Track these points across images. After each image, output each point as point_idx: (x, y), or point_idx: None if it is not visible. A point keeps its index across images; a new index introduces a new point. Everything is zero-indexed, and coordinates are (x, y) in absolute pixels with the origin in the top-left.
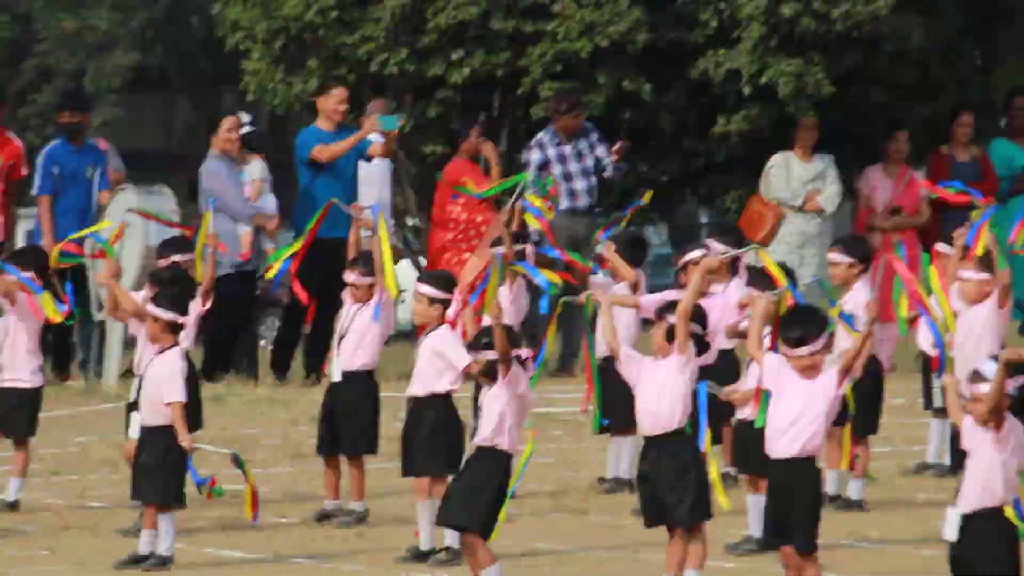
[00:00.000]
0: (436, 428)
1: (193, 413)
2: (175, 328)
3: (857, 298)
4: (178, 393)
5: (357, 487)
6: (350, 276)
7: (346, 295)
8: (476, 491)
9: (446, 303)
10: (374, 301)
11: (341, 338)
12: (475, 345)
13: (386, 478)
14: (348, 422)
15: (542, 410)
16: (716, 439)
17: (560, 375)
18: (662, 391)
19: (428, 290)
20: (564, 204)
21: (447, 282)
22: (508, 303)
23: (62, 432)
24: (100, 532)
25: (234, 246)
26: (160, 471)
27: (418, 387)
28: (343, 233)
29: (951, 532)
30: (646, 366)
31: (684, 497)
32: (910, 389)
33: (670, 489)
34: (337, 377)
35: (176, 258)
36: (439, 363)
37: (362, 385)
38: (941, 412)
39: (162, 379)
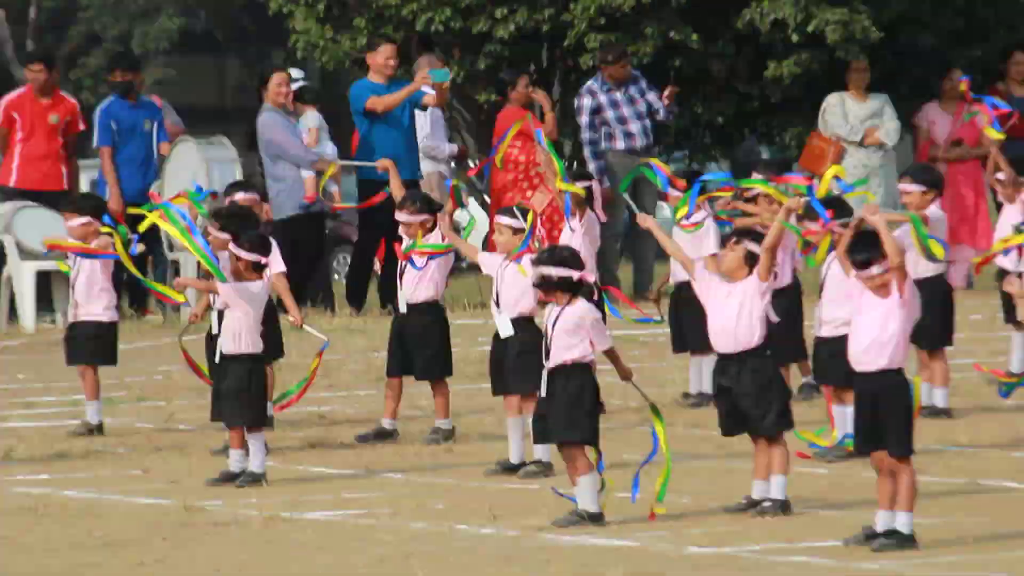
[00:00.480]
0: (524, 348)
1: (274, 342)
2: (258, 267)
3: (931, 218)
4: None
5: (442, 406)
6: (401, 215)
7: (402, 231)
8: (574, 405)
9: (524, 231)
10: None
11: (402, 272)
12: (551, 261)
13: (470, 399)
14: (420, 349)
15: (621, 332)
16: (798, 354)
17: (636, 299)
18: (740, 313)
19: (509, 221)
20: (620, 145)
21: (524, 213)
22: (580, 235)
23: (146, 363)
24: (190, 452)
25: (299, 190)
26: (244, 395)
27: (506, 309)
28: (407, 175)
29: None
30: (717, 288)
31: (770, 408)
32: (988, 305)
33: (755, 402)
34: (403, 308)
35: (238, 196)
36: (522, 286)
37: (428, 314)
38: (1021, 325)
39: (249, 299)
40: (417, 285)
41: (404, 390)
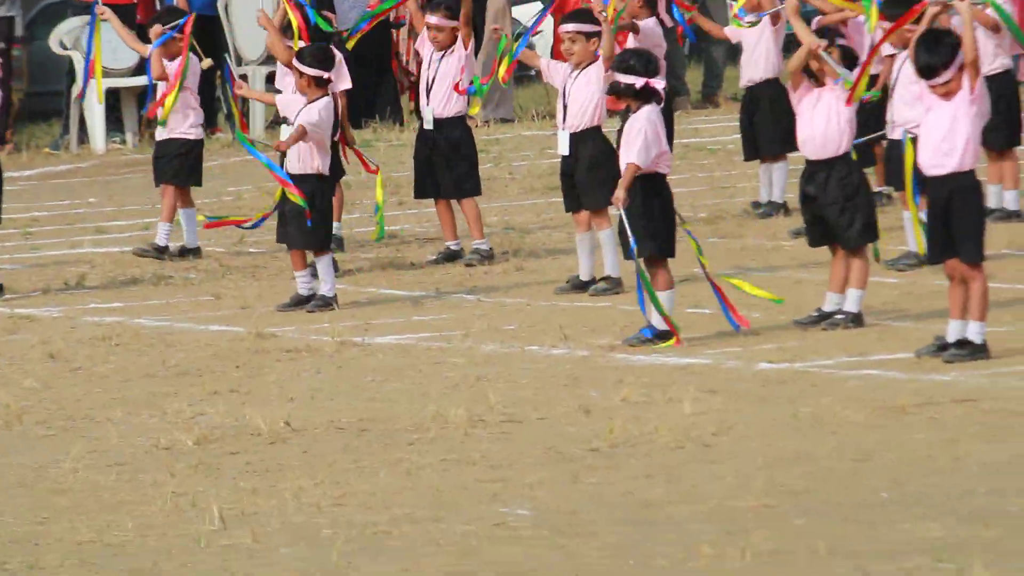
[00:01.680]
0: (594, 162)
1: (337, 159)
2: (321, 82)
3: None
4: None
5: (475, 226)
6: (432, 18)
7: (424, 42)
8: (648, 219)
9: (597, 35)
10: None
11: (429, 87)
12: (620, 66)
13: (539, 214)
14: (449, 168)
15: (689, 140)
16: (869, 160)
17: (704, 105)
18: (830, 117)
19: (579, 27)
20: None
21: (591, 15)
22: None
23: (214, 182)
24: (261, 276)
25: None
26: (304, 218)
27: (574, 120)
28: None
29: None
30: (806, 96)
31: (855, 219)
32: None
33: (841, 211)
34: (429, 125)
35: None
36: (593, 96)
37: (457, 131)
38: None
39: (318, 125)
40: (447, 98)
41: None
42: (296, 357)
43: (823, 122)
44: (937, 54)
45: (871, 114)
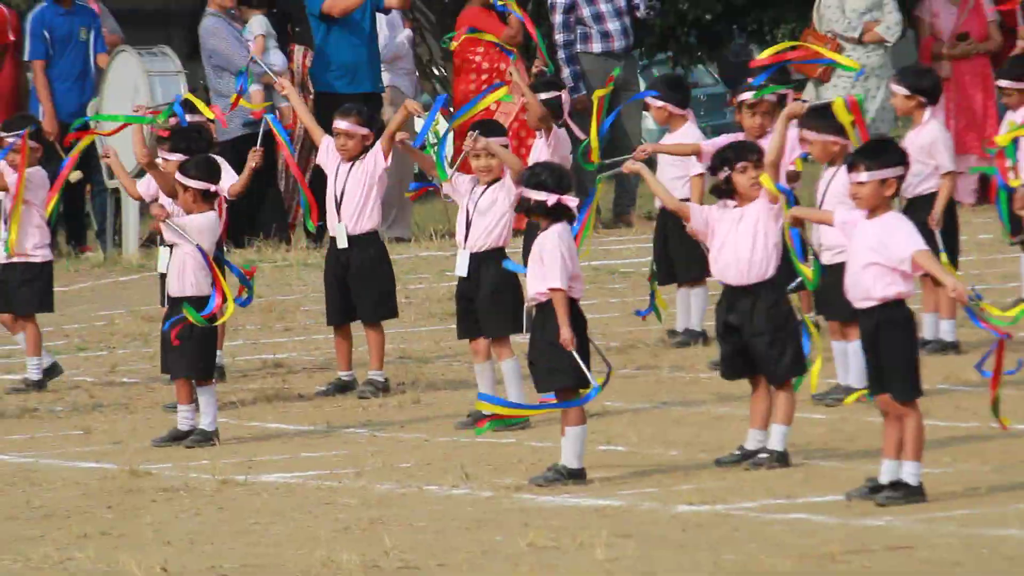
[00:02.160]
0: (497, 287)
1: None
2: (208, 196)
3: (923, 135)
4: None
5: (377, 355)
6: (342, 123)
7: (327, 152)
8: (558, 348)
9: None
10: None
11: (338, 202)
12: (530, 182)
13: (437, 342)
14: (364, 289)
15: (601, 263)
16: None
17: (617, 225)
18: (756, 239)
19: (498, 140)
20: (597, 47)
21: (502, 128)
22: (547, 154)
23: (85, 306)
24: (135, 408)
25: (245, 107)
26: (189, 343)
27: (477, 240)
28: (368, 87)
29: None
30: (724, 216)
31: (785, 351)
32: (999, 224)
33: (770, 343)
34: (343, 243)
35: (189, 118)
36: (499, 214)
37: (371, 248)
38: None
39: (199, 237)
40: (359, 213)
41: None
42: (173, 497)
43: (748, 244)
44: (868, 153)
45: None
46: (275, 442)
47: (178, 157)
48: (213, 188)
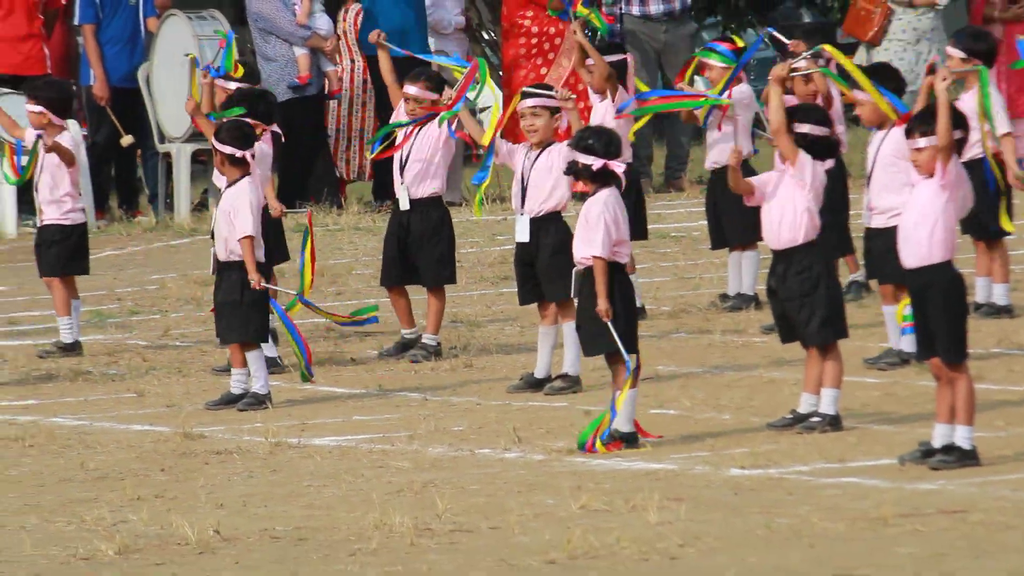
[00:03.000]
0: (556, 250)
1: (277, 245)
2: (236, 161)
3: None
4: (248, 227)
5: (435, 320)
6: (412, 88)
7: (399, 114)
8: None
9: (556, 110)
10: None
11: (403, 164)
12: (579, 145)
13: (489, 306)
14: (425, 252)
15: (651, 227)
16: (848, 248)
17: (668, 189)
18: (785, 205)
19: (541, 101)
20: (635, 9)
21: (552, 88)
22: (611, 115)
23: (137, 270)
24: (188, 372)
25: (291, 70)
26: (239, 309)
27: (534, 205)
28: (416, 50)
29: None
30: (769, 181)
31: (814, 315)
32: None
33: (800, 307)
34: (405, 205)
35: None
36: (554, 178)
37: (434, 212)
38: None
39: (231, 213)
40: (423, 176)
41: (423, 293)
42: (227, 460)
43: (778, 210)
44: (920, 119)
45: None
46: (327, 405)
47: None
48: (240, 153)
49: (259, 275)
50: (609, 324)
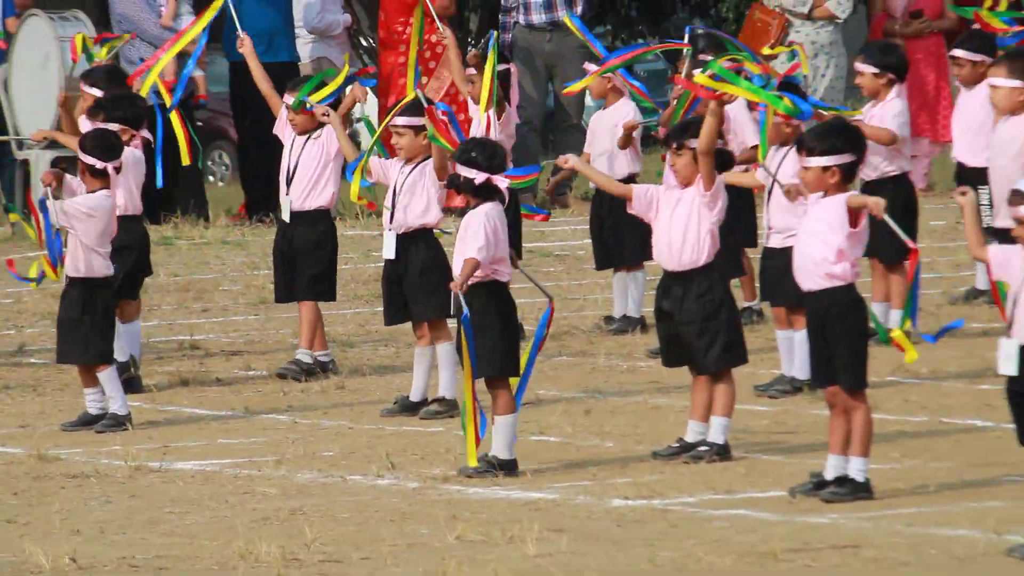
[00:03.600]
0: (426, 267)
1: (140, 258)
2: (97, 173)
3: (886, 109)
4: (65, 222)
5: (307, 336)
6: (402, 119)
7: (283, 126)
8: (486, 333)
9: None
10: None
11: (289, 176)
12: (461, 158)
13: (362, 325)
14: (303, 265)
15: (533, 245)
16: (738, 271)
17: (552, 206)
18: (689, 224)
19: (410, 120)
20: (522, 19)
21: (420, 107)
22: (497, 131)
23: None
24: (44, 391)
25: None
26: (78, 328)
27: (404, 220)
28: (284, 56)
29: (1008, 366)
30: (664, 198)
31: (716, 340)
32: (951, 210)
33: (700, 332)
34: (286, 217)
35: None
36: (427, 194)
37: (318, 225)
38: (990, 231)
39: (77, 220)
40: (309, 189)
41: (295, 312)
42: (83, 483)
43: (680, 231)
44: (820, 137)
45: (737, 216)
46: (191, 427)
47: (114, 126)
48: (100, 165)
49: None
50: (460, 327)
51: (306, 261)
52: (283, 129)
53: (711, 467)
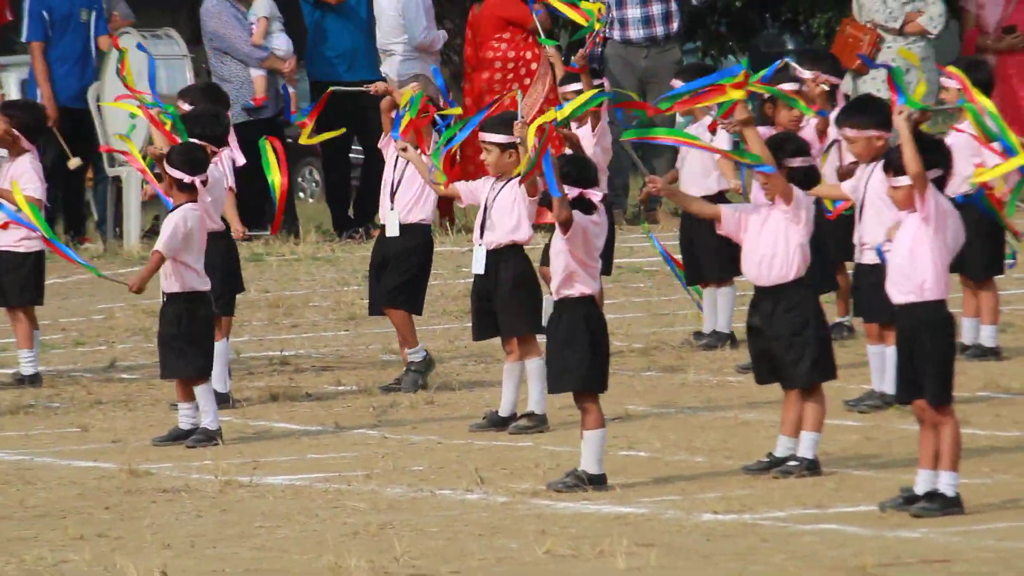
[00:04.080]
0: (516, 283)
1: (230, 274)
2: (184, 187)
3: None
4: (160, 243)
5: (406, 336)
6: (491, 136)
7: (388, 142)
8: (573, 347)
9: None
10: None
11: (393, 190)
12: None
13: (452, 340)
14: (392, 275)
15: (623, 260)
16: (831, 285)
17: (642, 221)
18: (777, 239)
19: (496, 137)
20: (617, 35)
21: (510, 124)
22: (591, 144)
23: (83, 299)
24: (135, 406)
25: (247, 91)
26: (180, 341)
27: (495, 236)
28: (366, 75)
29: None
30: (752, 214)
31: (804, 354)
32: None
33: (788, 346)
34: (393, 231)
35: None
36: (518, 211)
37: (418, 238)
38: None
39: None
40: (413, 203)
41: (385, 327)
42: (174, 498)
43: (769, 246)
44: (898, 155)
45: (831, 230)
46: (281, 442)
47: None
48: (187, 179)
49: (138, 281)
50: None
51: (396, 269)
52: (387, 145)
53: (801, 482)
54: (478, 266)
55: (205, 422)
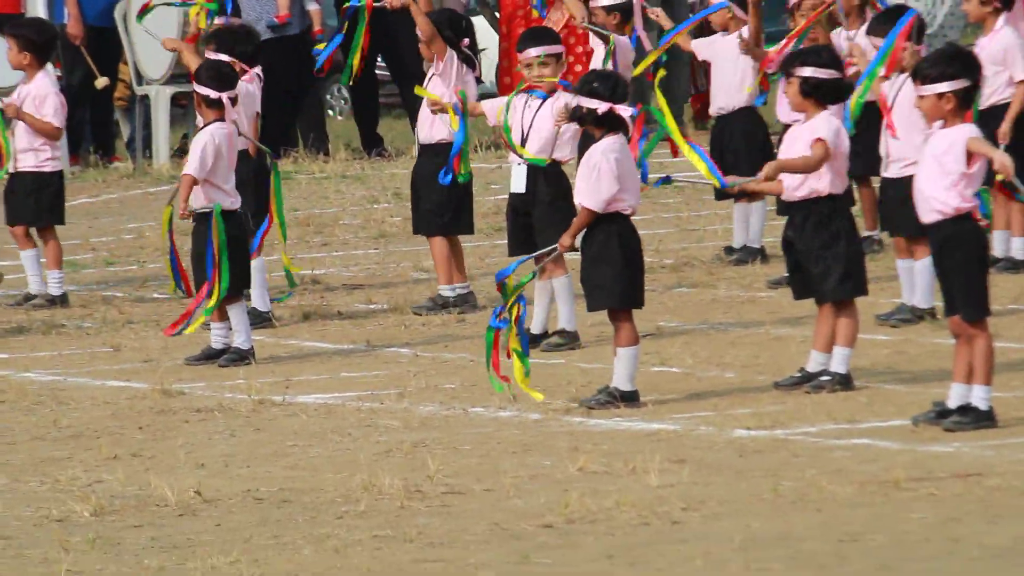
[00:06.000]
0: (555, 198)
1: (258, 191)
2: (212, 103)
3: (996, 41)
4: (191, 167)
5: (441, 271)
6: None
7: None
8: (608, 265)
9: (561, 56)
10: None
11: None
12: (583, 89)
13: (482, 257)
14: (425, 197)
15: (654, 175)
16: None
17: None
18: (807, 152)
19: (548, 49)
20: None
21: (556, 35)
22: (610, 64)
23: (113, 218)
24: (167, 325)
25: (270, 8)
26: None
27: (537, 152)
28: None
29: None
30: (792, 129)
31: (832, 269)
32: None
33: (816, 259)
34: (519, 188)
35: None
36: (552, 128)
37: (445, 157)
38: None
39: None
40: (435, 122)
41: (415, 245)
42: (207, 417)
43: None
44: (938, 63)
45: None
46: (313, 361)
47: (223, 58)
48: (215, 95)
49: (186, 207)
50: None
51: (425, 193)
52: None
53: (833, 397)
54: (518, 184)
55: (238, 341)
